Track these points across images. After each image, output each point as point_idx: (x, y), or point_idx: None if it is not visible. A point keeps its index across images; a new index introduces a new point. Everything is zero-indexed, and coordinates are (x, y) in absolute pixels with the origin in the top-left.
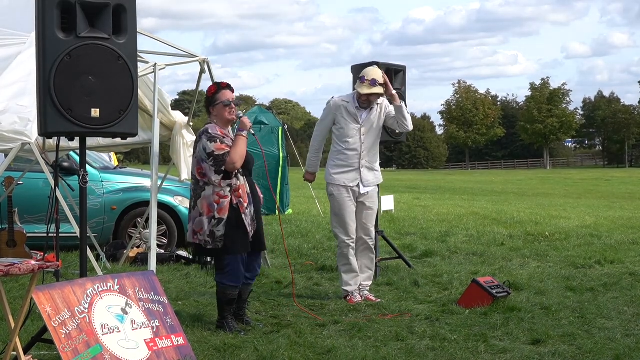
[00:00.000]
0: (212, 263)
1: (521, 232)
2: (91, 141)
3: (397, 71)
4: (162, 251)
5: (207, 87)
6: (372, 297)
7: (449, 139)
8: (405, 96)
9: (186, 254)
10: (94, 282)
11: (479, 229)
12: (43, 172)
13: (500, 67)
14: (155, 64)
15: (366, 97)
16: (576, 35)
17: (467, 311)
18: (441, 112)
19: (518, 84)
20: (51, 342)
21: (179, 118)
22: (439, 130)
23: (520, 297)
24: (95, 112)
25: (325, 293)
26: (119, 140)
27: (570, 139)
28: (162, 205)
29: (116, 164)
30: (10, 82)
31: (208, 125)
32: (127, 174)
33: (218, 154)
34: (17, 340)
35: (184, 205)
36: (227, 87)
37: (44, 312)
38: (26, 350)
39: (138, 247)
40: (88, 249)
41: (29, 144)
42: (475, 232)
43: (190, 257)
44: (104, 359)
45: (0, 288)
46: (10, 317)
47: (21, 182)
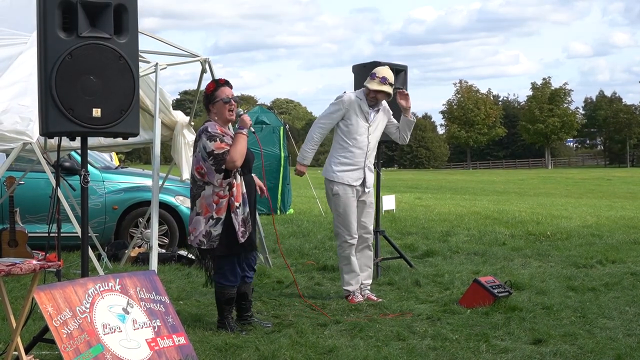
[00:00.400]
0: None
1: (522, 231)
2: (92, 141)
3: (399, 71)
4: (164, 251)
5: None
6: (373, 297)
7: (451, 139)
8: None
9: (186, 254)
10: (96, 282)
11: (480, 229)
12: (44, 172)
13: (501, 67)
14: (157, 63)
15: (374, 93)
16: (577, 35)
17: (469, 311)
18: (442, 112)
19: (519, 83)
20: (52, 341)
21: (180, 118)
22: (441, 130)
23: (521, 297)
24: (97, 112)
25: (327, 293)
26: (120, 140)
27: (571, 139)
28: (163, 205)
29: (117, 164)
30: (12, 82)
31: (207, 124)
32: (128, 174)
33: (218, 153)
34: (18, 340)
35: (185, 205)
36: (225, 83)
37: (45, 312)
38: (27, 350)
39: (139, 246)
40: (89, 248)
41: (31, 143)
42: (477, 232)
43: (191, 258)
44: (106, 358)
45: (1, 288)
46: (12, 317)
47: (22, 182)
